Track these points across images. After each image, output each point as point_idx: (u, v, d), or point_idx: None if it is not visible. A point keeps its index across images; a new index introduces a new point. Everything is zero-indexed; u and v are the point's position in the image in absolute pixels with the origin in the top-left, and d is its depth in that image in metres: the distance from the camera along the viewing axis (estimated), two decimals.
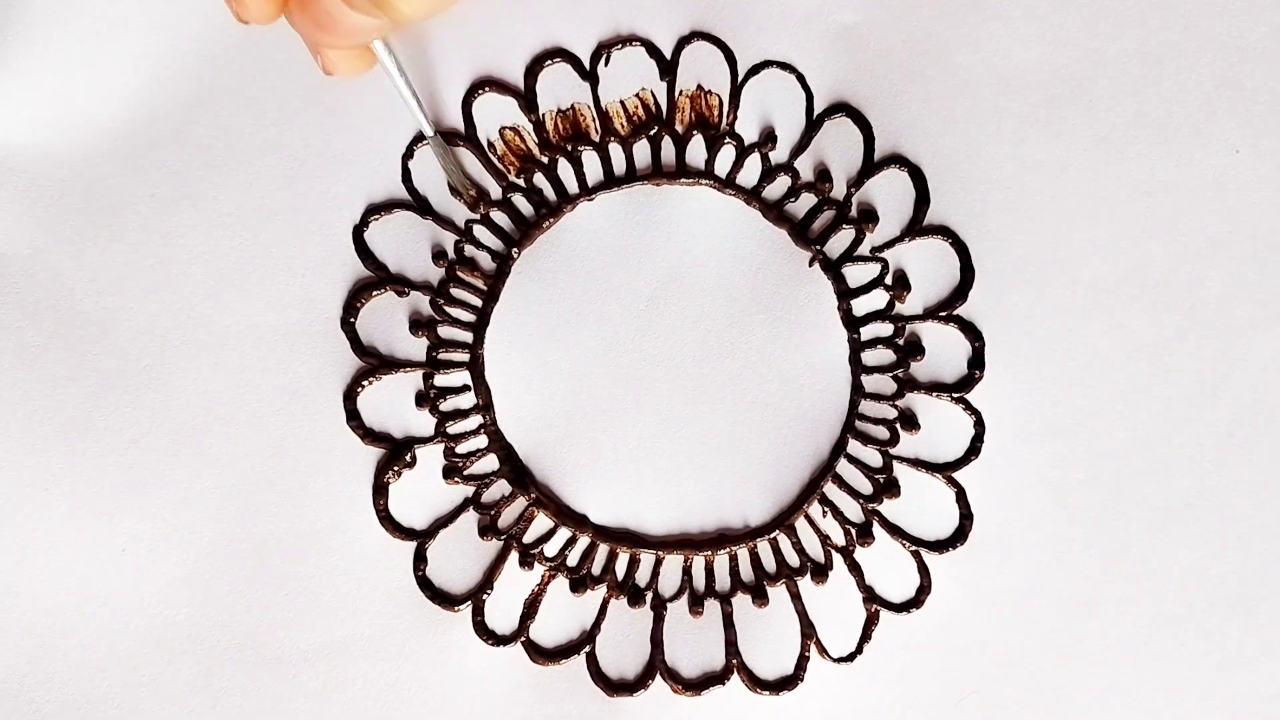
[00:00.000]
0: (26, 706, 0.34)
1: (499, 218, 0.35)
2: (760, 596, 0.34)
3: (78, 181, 0.35)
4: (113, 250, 0.35)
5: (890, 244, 0.35)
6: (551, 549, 0.34)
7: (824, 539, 0.34)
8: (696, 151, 0.35)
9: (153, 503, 0.35)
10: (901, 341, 0.34)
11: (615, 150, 0.35)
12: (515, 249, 0.35)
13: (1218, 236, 0.35)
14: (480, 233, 0.35)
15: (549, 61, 0.35)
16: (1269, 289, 0.35)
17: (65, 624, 0.34)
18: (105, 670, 0.34)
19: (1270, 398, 0.34)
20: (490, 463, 0.35)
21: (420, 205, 0.35)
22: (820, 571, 0.34)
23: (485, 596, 0.34)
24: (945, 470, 0.34)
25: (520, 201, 0.35)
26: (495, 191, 0.35)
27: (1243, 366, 0.35)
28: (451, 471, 0.34)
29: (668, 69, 0.35)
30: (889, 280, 0.34)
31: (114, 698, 0.34)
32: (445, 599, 0.34)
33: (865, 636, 0.34)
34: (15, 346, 0.35)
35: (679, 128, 0.35)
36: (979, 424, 0.34)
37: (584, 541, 0.34)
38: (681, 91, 0.35)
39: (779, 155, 0.35)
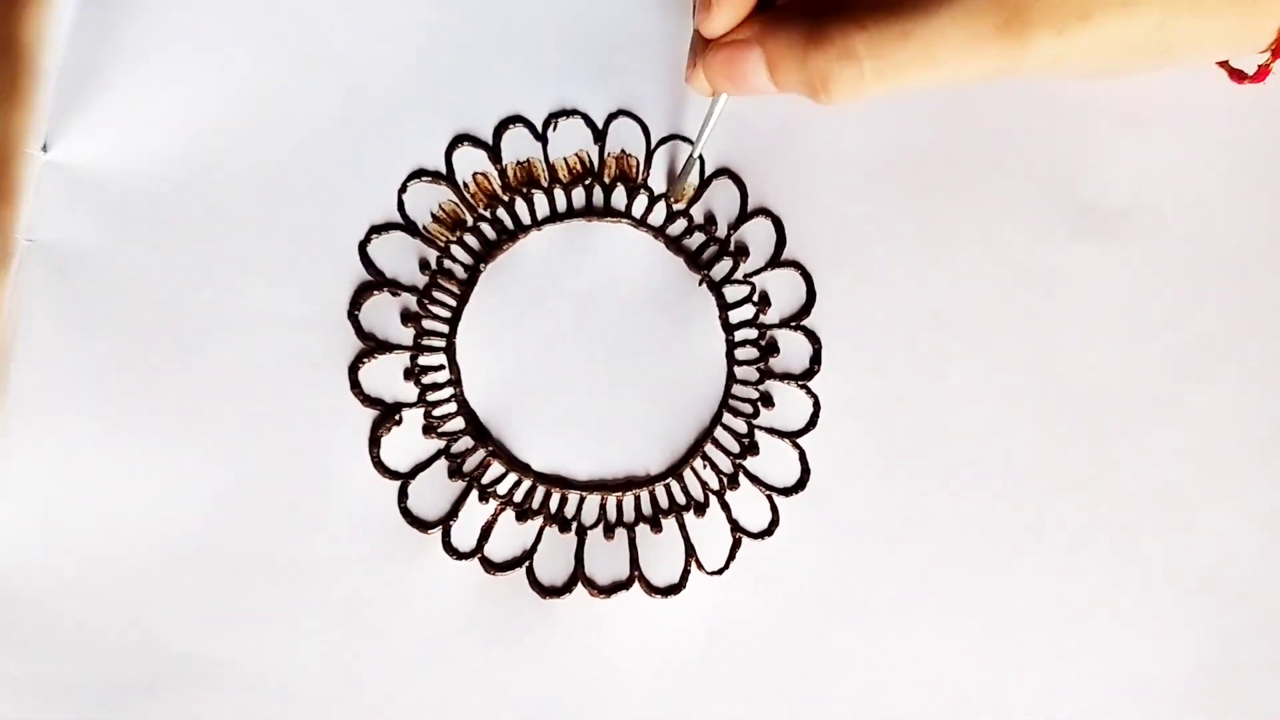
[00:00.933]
0: (100, 593, 0.37)
1: (470, 240, 0.39)
2: (656, 526, 0.38)
3: (150, 196, 0.38)
4: (171, 253, 0.38)
5: (757, 272, 0.39)
6: (503, 488, 0.38)
7: (704, 485, 0.38)
8: (619, 198, 0.39)
9: (193, 449, 0.37)
10: (763, 343, 0.39)
11: (559, 194, 0.39)
12: (482, 264, 0.39)
13: (983, 266, 0.39)
14: (456, 251, 0.39)
15: (512, 125, 0.39)
16: (1021, 308, 0.39)
17: (129, 535, 0.37)
18: (149, 575, 0.37)
19: (1020, 387, 0.38)
20: (458, 424, 0.39)
21: (411, 228, 0.39)
22: (700, 509, 0.38)
23: (452, 524, 0.38)
24: (792, 436, 0.39)
25: (486, 228, 0.39)
26: (469, 220, 0.39)
27: (1001, 364, 0.39)
28: (429, 429, 0.38)
29: (599, 136, 0.39)
30: (756, 298, 0.39)
31: (159, 593, 0.37)
32: (422, 525, 0.38)
33: (731, 556, 0.38)
34: (90, 325, 0.37)
35: (606, 180, 0.39)
36: (816, 404, 0.39)
37: (527, 484, 0.38)
38: (609, 153, 0.39)
39: (680, 205, 0.39)
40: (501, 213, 0.40)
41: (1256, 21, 0.33)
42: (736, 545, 0.39)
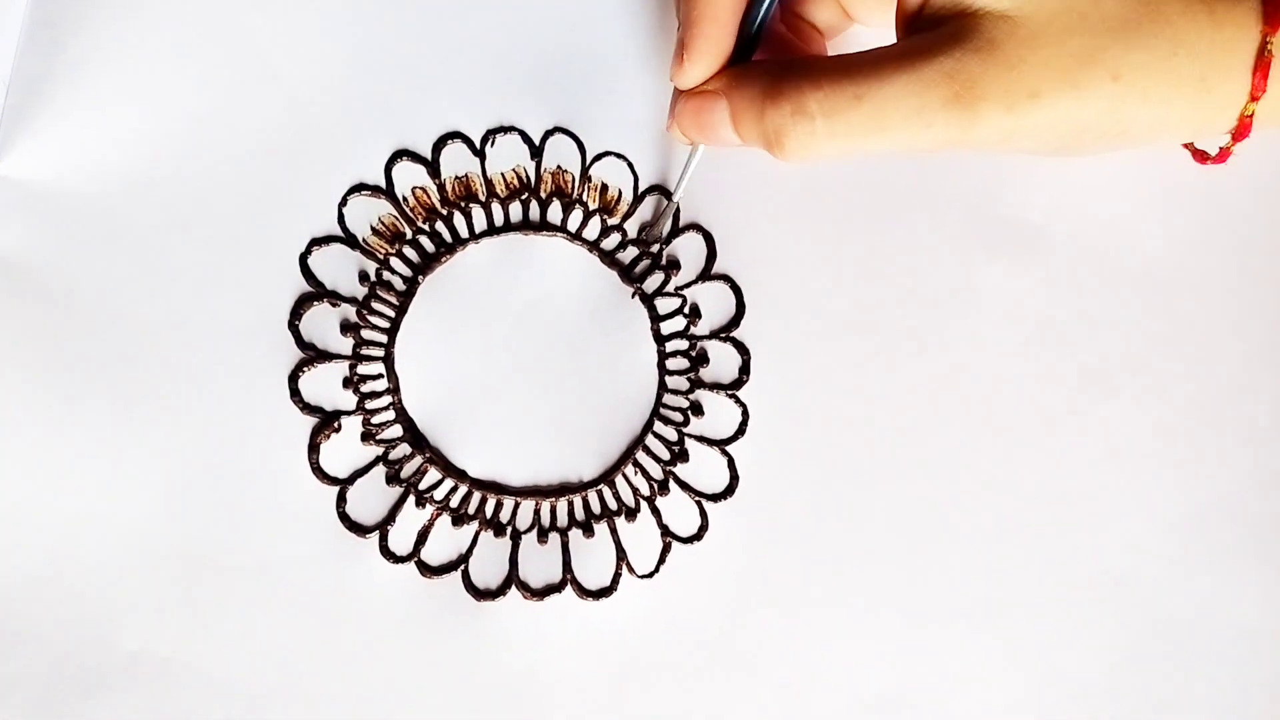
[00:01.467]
0: (39, 600, 0.37)
1: (409, 252, 0.40)
2: (589, 531, 0.39)
3: (93, 209, 0.39)
4: (114, 263, 0.39)
5: (689, 284, 0.40)
6: (439, 494, 0.39)
7: (635, 491, 0.39)
8: (554, 212, 0.40)
9: (136, 452, 0.38)
10: (694, 354, 0.40)
11: (496, 208, 0.40)
12: (420, 275, 0.39)
13: (906, 282, 0.40)
14: (395, 263, 0.40)
15: (450, 141, 0.40)
16: (940, 323, 0.39)
17: (72, 535, 0.38)
18: (102, 572, 0.38)
19: (936, 396, 0.39)
20: (396, 431, 0.39)
21: (350, 240, 0.40)
22: (631, 514, 0.39)
23: (389, 528, 0.39)
24: (721, 444, 0.39)
25: (425, 241, 0.40)
26: (408, 233, 0.40)
27: (920, 376, 0.39)
28: (367, 436, 0.39)
29: (536, 152, 0.40)
30: (687, 310, 0.40)
31: (107, 594, 0.38)
32: (359, 529, 0.39)
33: (661, 560, 0.39)
34: (33, 334, 0.38)
35: (543, 194, 0.40)
36: (745, 413, 0.39)
37: (463, 490, 0.39)
38: (545, 169, 0.40)
39: (613, 220, 0.40)
40: (440, 226, 0.40)
41: (1212, 110, 0.33)
42: (667, 549, 0.39)
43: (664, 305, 0.41)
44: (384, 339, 0.40)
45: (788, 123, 0.32)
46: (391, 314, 0.40)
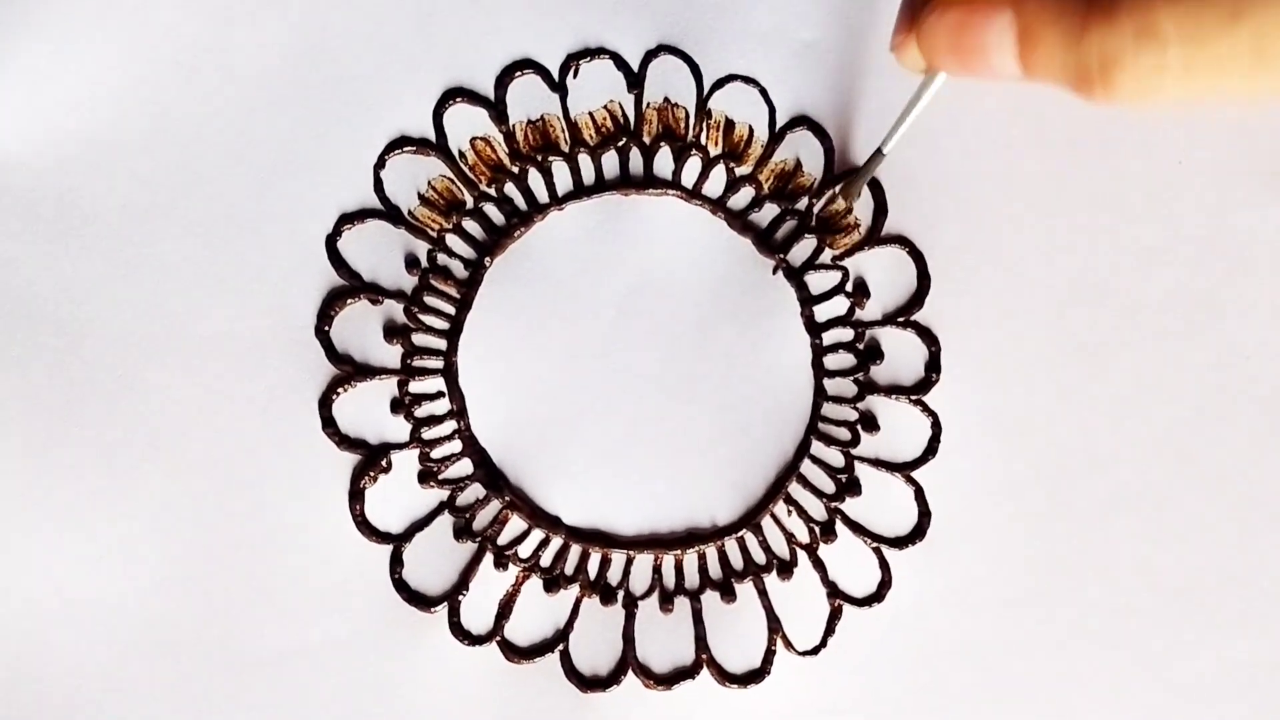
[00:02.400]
0: (4, 709, 0.34)
1: (470, 226, 0.35)
2: (728, 593, 0.34)
3: (49, 191, 0.35)
4: (85, 260, 0.35)
5: (851, 252, 0.35)
6: (525, 550, 0.35)
7: (789, 537, 0.35)
8: (663, 162, 0.35)
9: (129, 509, 0.34)
10: (862, 346, 0.35)
11: (584, 161, 0.35)
12: (487, 257, 0.35)
13: (1158, 244, 0.36)
14: (453, 242, 0.35)
15: (519, 73, 0.35)
16: (1207, 293, 0.35)
17: (44, 628, 0.34)
18: (84, 673, 0.34)
19: (1208, 396, 0.35)
20: (464, 467, 0.35)
21: (392, 214, 0.35)
22: (785, 568, 0.34)
23: (461, 597, 0.34)
24: (904, 469, 0.35)
25: (491, 210, 0.35)
26: (469, 200, 0.35)
27: (1182, 366, 0.35)
28: (426, 476, 0.35)
29: (635, 81, 0.35)
30: (849, 287, 0.35)
31: (92, 701, 0.34)
32: (421, 601, 0.34)
33: (829, 630, 0.34)
34: None
35: (646, 139, 0.35)
36: (936, 425, 0.35)
37: (557, 542, 0.35)
38: (649, 104, 0.35)
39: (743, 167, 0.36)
40: (511, 189, 0.36)
41: None
42: (835, 615, 0.35)
43: (818, 282, 0.36)
44: (443, 345, 0.35)
45: (1127, 48, 0.27)
46: (452, 311, 0.35)
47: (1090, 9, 0.27)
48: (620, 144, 0.35)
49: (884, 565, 0.35)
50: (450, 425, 0.35)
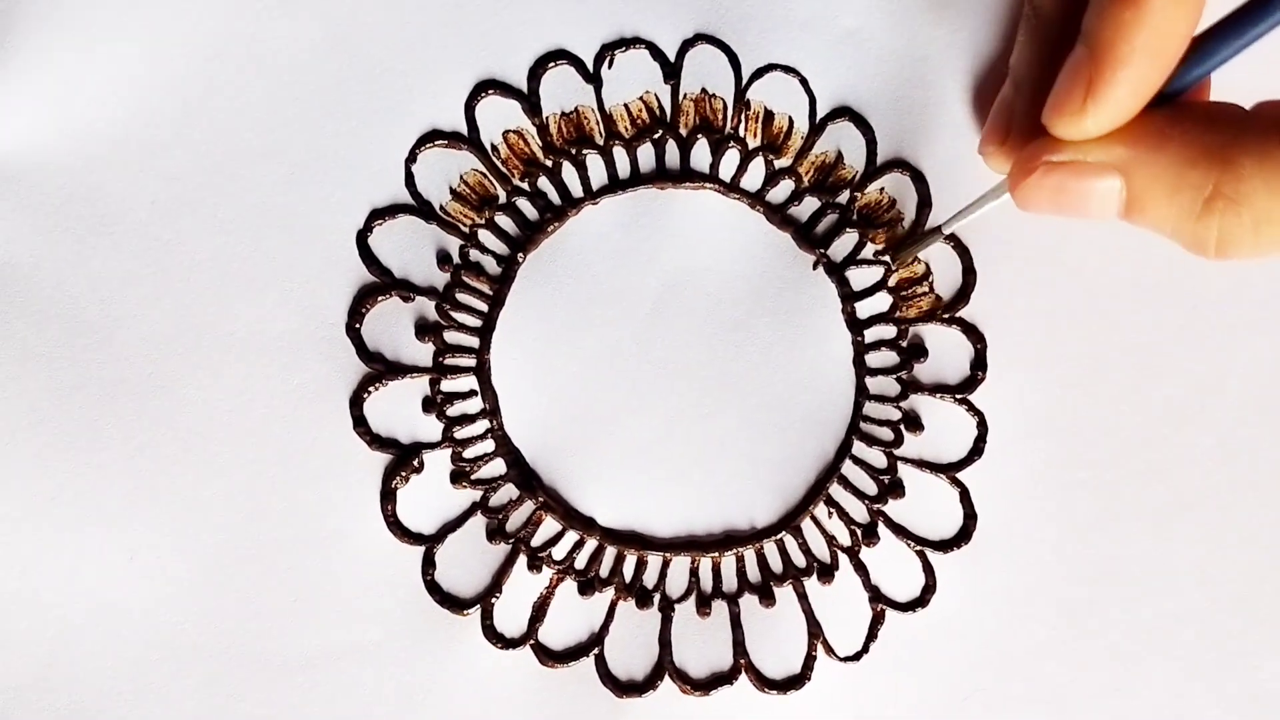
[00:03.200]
0: (36, 713, 0.34)
1: (503, 221, 0.35)
2: (767, 597, 0.34)
3: (77, 189, 0.34)
4: (114, 258, 0.34)
5: (893, 247, 0.34)
6: (559, 552, 0.34)
7: (830, 539, 0.34)
8: (701, 155, 0.35)
9: (159, 510, 0.34)
10: (905, 344, 0.34)
11: (619, 154, 0.35)
12: (520, 253, 0.34)
13: None
14: (485, 237, 0.35)
15: (552, 64, 0.35)
16: (1266, 289, 0.35)
17: (74, 631, 0.34)
18: (114, 677, 0.34)
19: (1267, 398, 0.34)
20: (497, 467, 0.34)
21: (424, 209, 0.34)
22: (826, 572, 0.34)
23: (494, 600, 0.34)
24: (949, 470, 0.34)
25: (525, 205, 0.35)
26: (501, 195, 0.35)
27: (1240, 366, 0.35)
28: (459, 476, 0.34)
29: (672, 72, 0.34)
30: (893, 282, 0.34)
31: (123, 704, 0.34)
32: (454, 603, 0.34)
33: (871, 635, 0.34)
34: (20, 356, 0.34)
35: (683, 131, 0.35)
36: (982, 424, 0.34)
37: (591, 544, 0.34)
38: (686, 95, 0.35)
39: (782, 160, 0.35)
40: (544, 183, 0.35)
41: None
42: (878, 621, 0.34)
43: (859, 277, 0.35)
44: (475, 342, 0.35)
45: (1246, 235, 0.28)
46: (484, 308, 0.35)
47: (1211, 194, 0.27)
48: (656, 136, 0.35)
49: (928, 569, 0.34)
50: (483, 424, 0.34)
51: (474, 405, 0.34)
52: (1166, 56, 0.27)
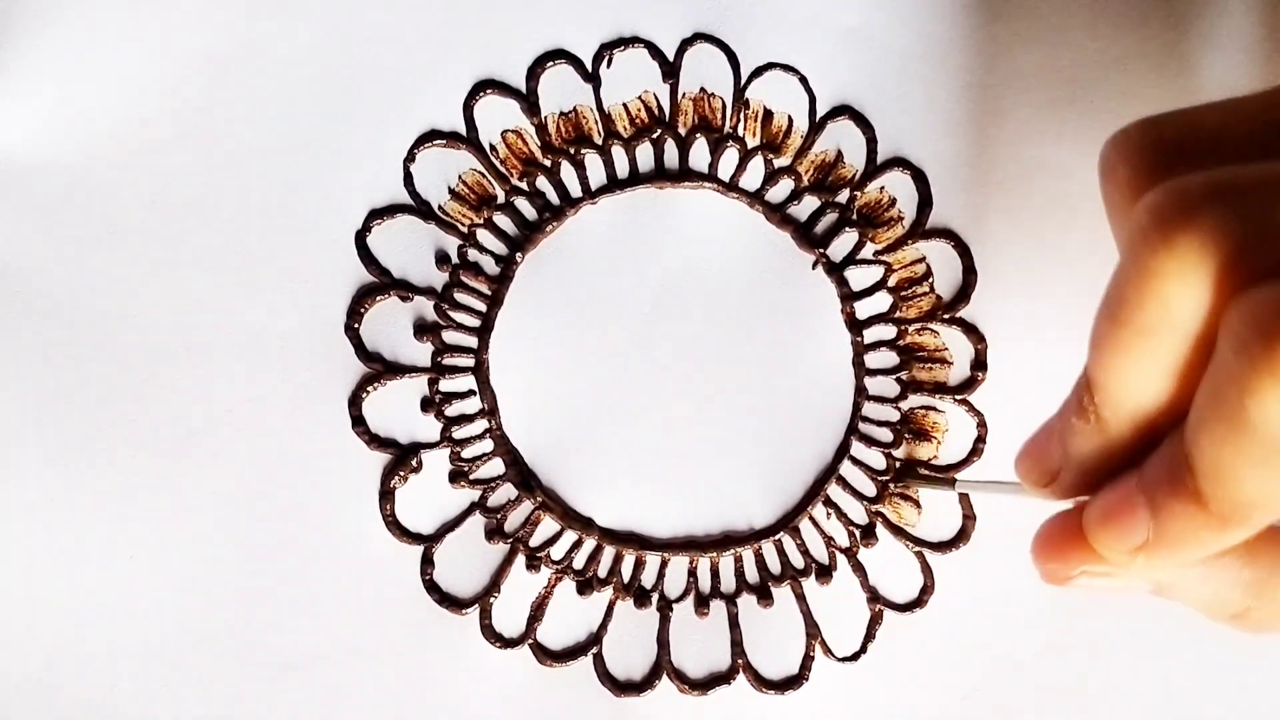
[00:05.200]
0: (36, 713, 0.34)
1: (502, 221, 0.35)
2: (765, 597, 0.34)
3: (78, 188, 0.35)
4: (114, 258, 0.35)
5: (894, 246, 0.34)
6: (558, 552, 0.34)
7: (828, 540, 0.34)
8: (699, 154, 0.35)
9: (159, 510, 0.34)
10: (904, 344, 0.34)
11: (618, 153, 0.35)
12: (519, 253, 0.34)
13: None
14: (484, 237, 0.35)
15: (551, 63, 0.34)
16: None
17: (74, 631, 0.34)
18: (114, 676, 0.34)
19: None
20: (496, 467, 0.34)
21: (423, 209, 0.34)
22: (824, 572, 0.34)
23: (492, 599, 0.34)
24: (948, 471, 0.34)
25: (523, 205, 0.35)
26: (500, 194, 0.35)
27: None
28: (457, 476, 0.34)
29: (670, 71, 0.34)
30: (892, 282, 0.34)
31: (123, 704, 0.34)
32: (453, 602, 0.34)
33: (869, 636, 0.34)
34: (21, 356, 0.34)
35: (682, 130, 0.34)
36: (982, 425, 0.34)
37: (590, 544, 0.34)
38: (684, 94, 0.34)
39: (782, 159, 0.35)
40: (543, 182, 0.35)
41: None
42: (876, 621, 0.34)
43: (859, 277, 0.35)
44: (474, 342, 0.35)
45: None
46: (483, 308, 0.35)
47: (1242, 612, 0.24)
48: (655, 135, 0.35)
49: (926, 570, 0.34)
50: (481, 424, 0.34)
51: (472, 405, 0.34)
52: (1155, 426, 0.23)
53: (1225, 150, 0.22)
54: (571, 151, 0.35)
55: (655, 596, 0.34)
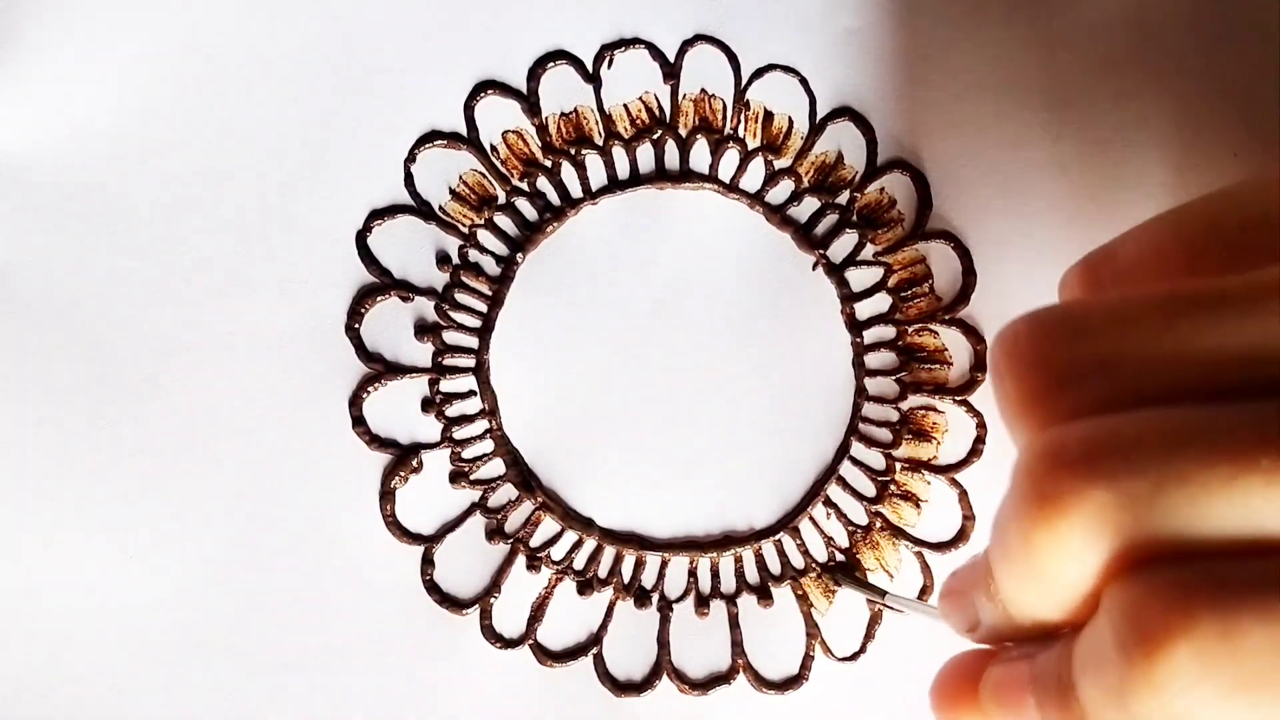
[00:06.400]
0: (36, 713, 0.34)
1: (502, 222, 0.34)
2: (765, 597, 0.34)
3: (78, 188, 0.34)
4: (115, 257, 0.34)
5: (894, 248, 0.34)
6: (558, 552, 0.34)
7: (828, 541, 0.34)
8: (700, 155, 0.35)
9: (159, 510, 0.34)
10: (904, 344, 0.34)
11: (619, 154, 0.35)
12: (519, 253, 0.34)
13: None
14: (485, 237, 0.34)
15: (552, 64, 0.34)
16: None
17: (75, 630, 0.34)
18: (114, 676, 0.34)
19: None
20: (496, 467, 0.34)
21: (423, 210, 0.34)
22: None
23: (493, 600, 0.34)
24: (948, 471, 0.34)
25: (524, 205, 0.34)
26: (500, 195, 0.35)
27: None
28: (458, 476, 0.34)
29: (671, 72, 0.34)
30: (892, 283, 0.34)
31: (123, 703, 0.34)
32: (453, 603, 0.34)
33: (869, 636, 0.34)
34: (21, 356, 0.34)
35: (682, 131, 0.34)
36: (981, 425, 0.34)
37: (590, 544, 0.34)
38: (685, 95, 0.34)
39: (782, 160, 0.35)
40: (543, 183, 0.35)
41: None
42: (875, 621, 0.34)
43: (859, 278, 0.35)
44: (474, 342, 0.35)
45: None
46: (483, 308, 0.35)
47: None
48: (656, 136, 0.34)
49: (926, 570, 0.34)
50: (482, 425, 0.34)
51: (473, 405, 0.34)
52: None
53: (1121, 340, 0.22)
54: (572, 152, 0.34)
55: (655, 597, 0.34)
